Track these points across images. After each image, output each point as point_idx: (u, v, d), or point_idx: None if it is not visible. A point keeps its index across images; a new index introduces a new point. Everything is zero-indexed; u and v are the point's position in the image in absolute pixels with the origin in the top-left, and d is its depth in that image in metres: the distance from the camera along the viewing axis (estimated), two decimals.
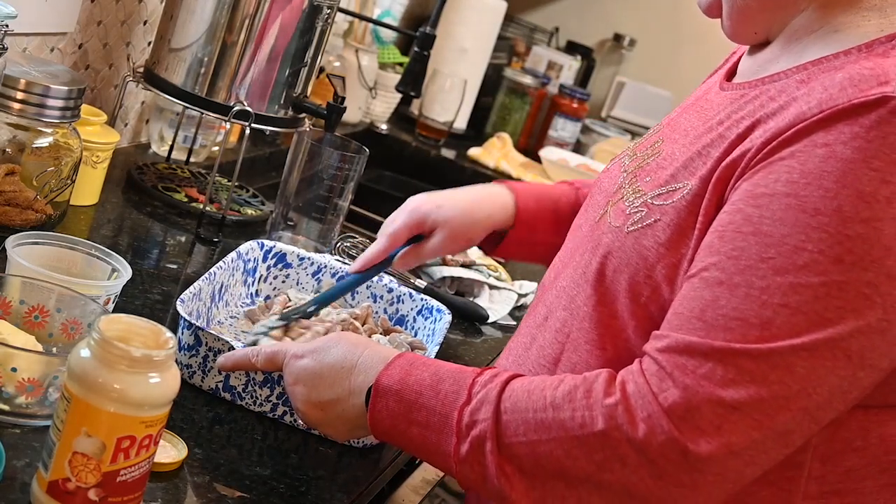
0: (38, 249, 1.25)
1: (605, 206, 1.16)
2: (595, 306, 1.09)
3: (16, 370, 1.03)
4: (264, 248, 1.50)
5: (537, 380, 1.03)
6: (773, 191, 0.96)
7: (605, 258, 1.09)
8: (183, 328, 1.24)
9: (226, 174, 1.95)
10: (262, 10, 1.68)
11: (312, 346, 1.13)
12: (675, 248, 1.03)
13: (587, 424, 0.97)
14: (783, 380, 0.93)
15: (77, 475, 0.91)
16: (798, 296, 0.93)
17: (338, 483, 1.17)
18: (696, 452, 0.93)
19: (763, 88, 1.06)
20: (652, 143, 1.17)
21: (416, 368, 1.07)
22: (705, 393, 0.93)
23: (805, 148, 0.96)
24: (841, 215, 0.93)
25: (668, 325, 0.99)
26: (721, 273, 0.96)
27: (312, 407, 1.12)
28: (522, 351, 1.19)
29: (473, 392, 1.03)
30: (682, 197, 1.04)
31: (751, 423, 0.93)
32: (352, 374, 1.09)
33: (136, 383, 0.91)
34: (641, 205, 1.08)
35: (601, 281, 1.09)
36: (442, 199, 1.40)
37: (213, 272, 1.36)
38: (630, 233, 1.07)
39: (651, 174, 1.11)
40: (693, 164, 1.06)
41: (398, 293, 1.51)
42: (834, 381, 0.94)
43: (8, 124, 1.40)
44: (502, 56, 3.28)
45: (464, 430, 1.02)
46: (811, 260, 0.93)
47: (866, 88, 0.95)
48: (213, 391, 1.23)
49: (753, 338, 0.93)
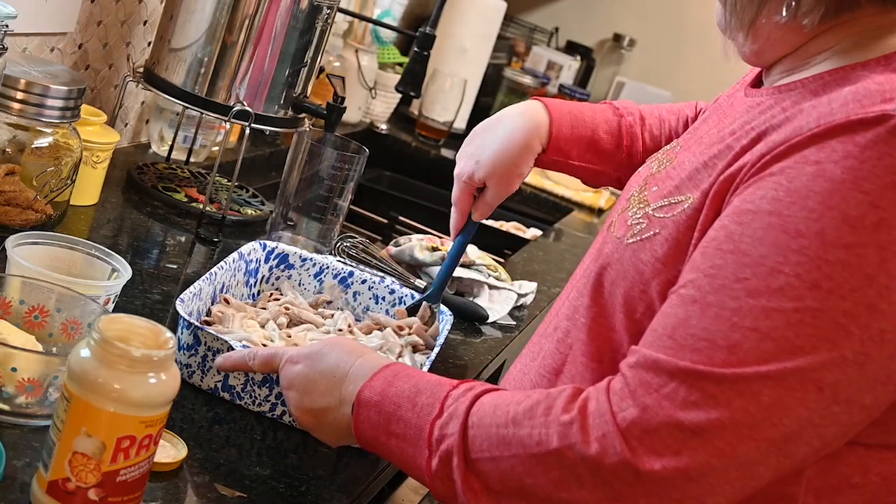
0: (38, 249, 1.25)
1: (617, 213, 1.13)
2: (594, 318, 1.08)
3: (16, 370, 1.03)
4: (266, 248, 1.50)
5: (507, 394, 1.01)
6: (758, 208, 0.91)
7: (602, 269, 1.08)
8: (182, 328, 1.24)
9: (226, 174, 1.95)
10: (262, 10, 1.68)
11: (307, 352, 1.12)
12: (671, 263, 1.00)
13: (543, 442, 0.94)
14: (747, 408, 0.88)
15: (77, 475, 0.91)
16: (769, 321, 0.88)
17: (338, 483, 1.17)
18: (651, 474, 0.89)
19: (779, 97, 1.01)
20: (672, 148, 1.14)
21: (398, 380, 1.05)
22: (664, 414, 0.89)
23: (795, 164, 0.91)
24: (822, 239, 0.88)
25: (643, 341, 0.96)
26: (696, 291, 0.92)
27: (305, 413, 1.11)
28: (529, 360, 1.18)
29: (445, 406, 1.01)
30: (682, 210, 1.01)
31: (711, 450, 0.88)
32: (343, 383, 1.08)
33: (136, 383, 0.91)
34: (643, 216, 1.06)
35: (600, 292, 1.07)
36: (479, 150, 1.40)
37: (213, 272, 1.36)
38: (629, 245, 1.05)
39: (659, 183, 1.08)
40: (698, 176, 1.02)
41: (400, 294, 1.51)
42: (803, 413, 0.89)
43: (8, 124, 1.40)
44: (502, 56, 3.28)
45: (434, 444, 1.00)
46: (786, 284, 0.88)
47: (868, 104, 0.90)
48: (212, 391, 1.24)
49: (720, 361, 0.89)
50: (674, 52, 3.46)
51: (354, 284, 1.51)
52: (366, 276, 1.52)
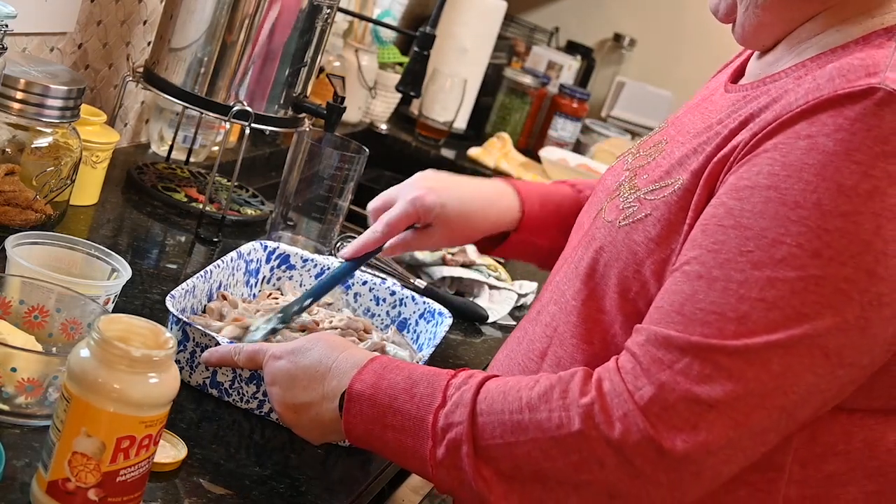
0: (38, 249, 1.25)
1: (603, 203, 1.15)
2: (584, 301, 1.09)
3: (15, 370, 1.03)
4: (267, 249, 1.50)
5: (513, 380, 1.02)
6: (755, 183, 0.95)
7: (597, 253, 1.09)
8: (171, 323, 1.24)
9: (226, 174, 1.95)
10: (261, 10, 1.68)
11: (291, 347, 1.12)
12: (664, 243, 1.03)
13: (564, 425, 0.96)
14: (759, 377, 0.91)
15: (77, 475, 0.91)
16: (775, 290, 0.91)
17: (338, 483, 1.17)
18: (672, 450, 0.92)
19: (764, 89, 1.05)
20: (656, 143, 1.16)
21: (389, 372, 1.05)
22: (681, 390, 0.92)
23: (788, 139, 0.94)
24: (820, 209, 0.91)
25: (649, 319, 0.98)
26: (701, 267, 0.95)
27: (287, 409, 1.11)
28: (515, 345, 1.19)
29: (448, 394, 1.02)
30: (673, 192, 1.04)
31: (727, 421, 0.91)
32: (326, 378, 1.08)
33: (135, 383, 0.91)
34: (634, 200, 1.08)
35: (592, 276, 1.09)
36: (447, 195, 1.33)
37: (209, 270, 1.36)
38: (621, 227, 1.07)
39: (649, 172, 1.10)
40: (687, 161, 1.05)
41: (401, 296, 1.51)
42: (811, 379, 0.92)
43: (8, 124, 1.40)
44: (502, 56, 3.28)
45: (439, 434, 1.00)
46: (789, 254, 0.91)
47: (854, 79, 0.94)
48: (200, 387, 1.23)
49: (730, 333, 0.92)
50: (674, 52, 3.46)
51: (355, 286, 1.51)
52: (366, 277, 1.51)
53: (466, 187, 1.37)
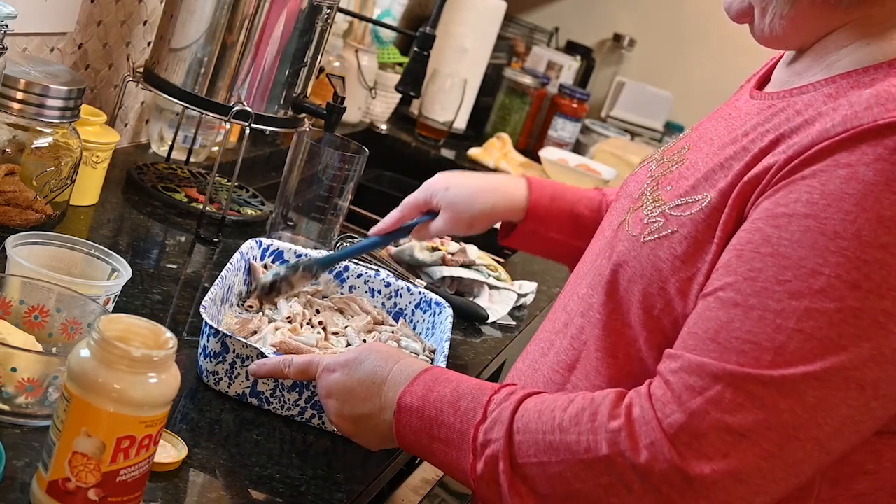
0: (38, 249, 1.25)
1: (626, 212, 1.15)
2: (609, 314, 1.09)
3: (15, 370, 1.03)
4: (262, 245, 1.50)
5: (549, 399, 1.02)
6: (793, 211, 0.94)
7: (618, 266, 1.09)
8: (209, 336, 1.24)
9: (226, 174, 1.95)
10: (262, 10, 1.68)
11: (343, 360, 1.14)
12: (691, 261, 1.02)
13: (591, 449, 0.96)
14: (793, 408, 0.91)
15: (77, 475, 0.91)
16: (813, 321, 0.91)
17: (338, 483, 1.17)
18: (701, 478, 0.91)
19: (791, 101, 1.04)
20: (678, 150, 1.15)
21: (438, 384, 1.07)
22: (712, 419, 0.91)
23: (827, 168, 0.94)
24: (860, 239, 0.90)
25: (683, 345, 0.97)
26: (737, 294, 0.95)
27: (345, 420, 1.13)
28: (539, 356, 1.19)
29: (489, 410, 1.03)
30: (700, 209, 1.03)
31: (759, 451, 0.91)
32: (382, 390, 1.10)
33: (135, 383, 0.91)
34: (659, 215, 1.07)
35: (615, 289, 1.09)
36: (455, 181, 1.45)
37: (223, 276, 1.36)
38: (646, 243, 1.06)
39: (673, 183, 1.09)
40: (714, 176, 1.04)
41: (396, 287, 1.51)
42: (845, 411, 0.91)
43: (8, 124, 1.40)
44: (502, 56, 3.28)
45: (479, 449, 1.02)
46: (828, 284, 0.91)
47: (892, 108, 0.93)
48: (239, 397, 1.24)
49: (766, 363, 0.91)
50: (674, 52, 3.46)
51: (350, 279, 1.52)
52: (361, 269, 1.52)
53: (476, 177, 1.47)
